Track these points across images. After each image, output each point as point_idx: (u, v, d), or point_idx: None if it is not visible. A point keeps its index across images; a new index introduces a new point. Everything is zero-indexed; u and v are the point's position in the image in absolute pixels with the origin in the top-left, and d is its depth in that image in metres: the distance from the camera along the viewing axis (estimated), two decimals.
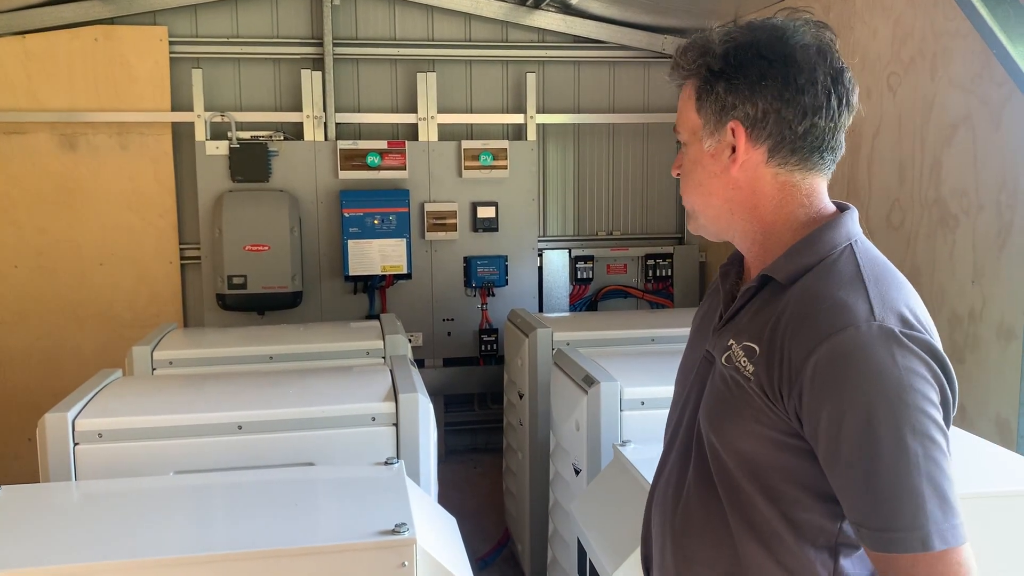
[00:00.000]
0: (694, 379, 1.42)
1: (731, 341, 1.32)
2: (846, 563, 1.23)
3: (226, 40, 5.13)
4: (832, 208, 1.32)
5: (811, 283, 1.23)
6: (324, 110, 5.17)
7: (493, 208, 5.32)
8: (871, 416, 1.10)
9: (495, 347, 5.37)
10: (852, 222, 1.30)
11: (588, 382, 2.92)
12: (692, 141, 1.35)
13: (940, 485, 1.09)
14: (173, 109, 5.04)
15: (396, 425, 2.49)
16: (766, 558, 1.25)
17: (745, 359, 1.26)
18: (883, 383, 1.10)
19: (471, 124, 5.44)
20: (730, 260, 1.48)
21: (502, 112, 5.47)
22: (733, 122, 1.28)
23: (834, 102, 1.26)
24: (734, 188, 1.31)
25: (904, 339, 1.12)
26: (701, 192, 1.36)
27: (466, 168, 5.25)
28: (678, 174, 1.40)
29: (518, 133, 5.48)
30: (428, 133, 5.29)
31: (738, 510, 1.29)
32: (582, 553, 2.47)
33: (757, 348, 1.24)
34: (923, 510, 1.08)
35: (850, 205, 1.33)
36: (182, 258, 5.18)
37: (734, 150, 1.29)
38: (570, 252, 5.58)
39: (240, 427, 2.45)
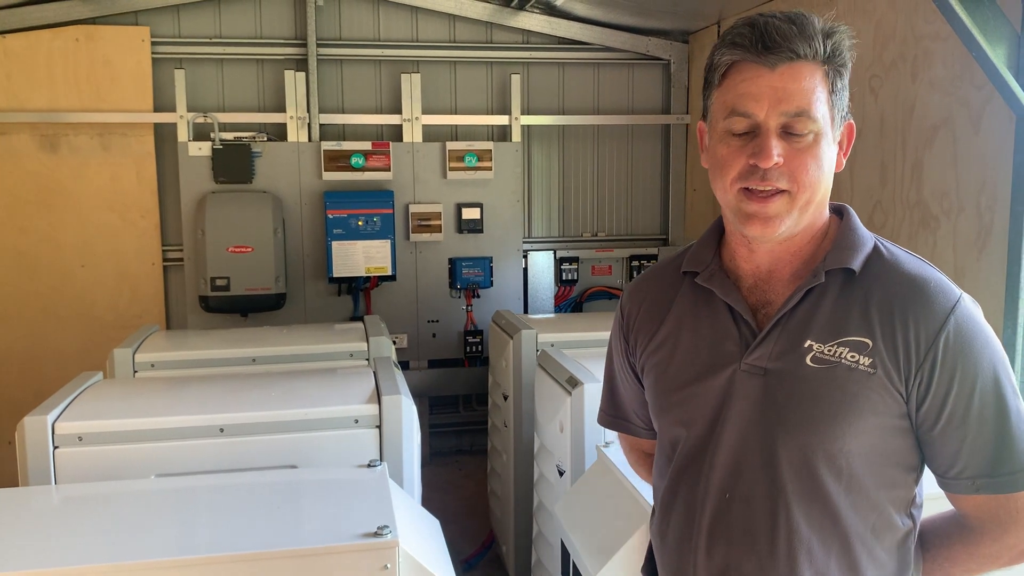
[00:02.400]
0: (725, 398, 1.34)
1: (810, 342, 1.29)
2: (916, 518, 1.37)
3: (209, 40, 5.10)
4: None
5: (890, 269, 1.30)
6: (308, 111, 5.15)
7: (478, 209, 5.32)
8: (996, 375, 1.26)
9: (480, 348, 5.37)
10: None
11: (572, 383, 2.92)
12: (825, 131, 1.27)
13: None
14: (155, 110, 5.01)
15: (379, 427, 2.48)
16: (875, 544, 1.30)
17: (855, 354, 1.26)
18: (996, 346, 1.28)
19: (456, 125, 5.44)
20: (709, 272, 1.40)
21: (487, 113, 5.47)
22: (849, 123, 1.34)
23: None
24: (830, 184, 1.34)
25: (979, 306, 1.30)
26: (825, 186, 1.30)
27: (451, 169, 5.25)
28: (778, 164, 1.25)
29: (503, 134, 5.48)
30: (412, 134, 5.29)
31: (842, 508, 1.28)
32: (566, 554, 2.47)
33: (870, 341, 1.26)
34: None
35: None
36: (164, 259, 5.15)
37: (840, 147, 1.33)
38: (555, 253, 5.59)
39: (222, 430, 2.43)
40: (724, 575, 1.34)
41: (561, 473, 3.01)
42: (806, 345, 1.29)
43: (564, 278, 5.58)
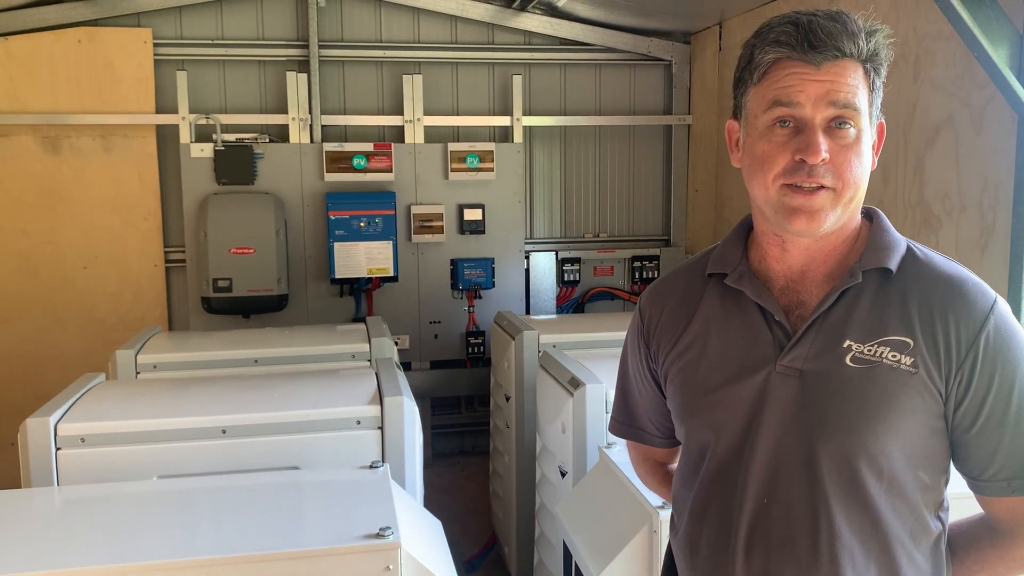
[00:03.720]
0: (759, 401, 1.32)
1: (849, 342, 1.28)
2: (945, 521, 1.35)
3: (211, 42, 5.11)
4: None
5: (927, 269, 1.30)
6: (310, 112, 5.16)
7: (480, 210, 5.32)
8: None
9: (482, 349, 5.37)
10: None
11: (574, 384, 2.92)
12: (864, 126, 1.26)
13: None
14: (157, 111, 5.02)
15: (381, 428, 2.48)
16: (913, 547, 1.30)
17: (896, 353, 1.25)
18: None
19: (457, 126, 5.44)
20: (738, 273, 1.38)
21: (488, 114, 5.47)
22: (881, 122, 1.32)
23: None
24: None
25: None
26: (865, 182, 1.28)
27: (452, 170, 5.25)
28: (824, 160, 1.23)
29: (504, 135, 5.48)
30: (414, 135, 5.29)
31: (883, 510, 1.28)
32: (568, 555, 2.48)
33: (911, 340, 1.25)
34: None
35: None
36: (167, 261, 5.15)
37: (872, 148, 1.31)
38: (557, 254, 5.58)
39: (224, 431, 2.43)
40: None
41: (563, 474, 3.01)
42: (845, 345, 1.28)
43: (566, 279, 5.57)
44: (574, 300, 5.64)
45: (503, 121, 5.42)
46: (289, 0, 5.19)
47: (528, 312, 5.51)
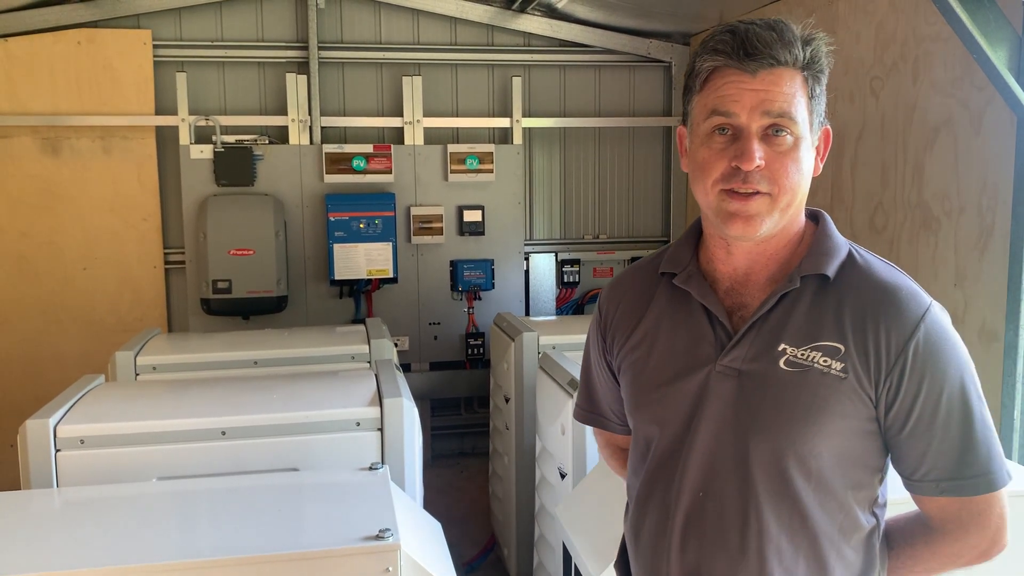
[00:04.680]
0: (700, 398, 1.36)
1: (784, 346, 1.31)
2: (880, 517, 1.40)
3: (211, 43, 5.11)
4: None
5: (863, 276, 1.34)
6: (309, 113, 5.16)
7: (479, 212, 5.32)
8: (963, 382, 1.29)
9: (481, 351, 5.37)
10: None
11: (573, 386, 2.92)
12: (802, 133, 1.29)
13: (996, 435, 1.33)
14: (157, 113, 5.02)
15: (381, 430, 2.49)
16: (842, 542, 1.34)
17: (828, 358, 1.29)
18: (963, 353, 1.31)
19: (457, 128, 5.44)
20: (687, 274, 1.42)
21: (488, 116, 5.47)
22: (826, 128, 1.36)
23: None
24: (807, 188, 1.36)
25: (947, 315, 1.34)
26: (804, 189, 1.32)
27: (452, 172, 5.25)
28: (759, 167, 1.27)
29: (504, 137, 5.49)
30: (414, 137, 5.29)
31: (811, 508, 1.32)
32: (567, 557, 2.47)
33: (842, 346, 1.29)
34: (999, 453, 1.31)
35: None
36: (166, 262, 5.15)
37: (817, 152, 1.35)
38: (556, 255, 5.58)
39: (224, 433, 2.43)
40: (696, 573, 1.36)
41: (563, 476, 3.01)
42: (780, 348, 1.32)
43: (565, 280, 5.57)
44: (574, 301, 5.64)
45: (503, 123, 5.43)
46: (289, 1, 5.19)
47: (528, 313, 5.51)
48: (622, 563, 1.59)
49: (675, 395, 1.39)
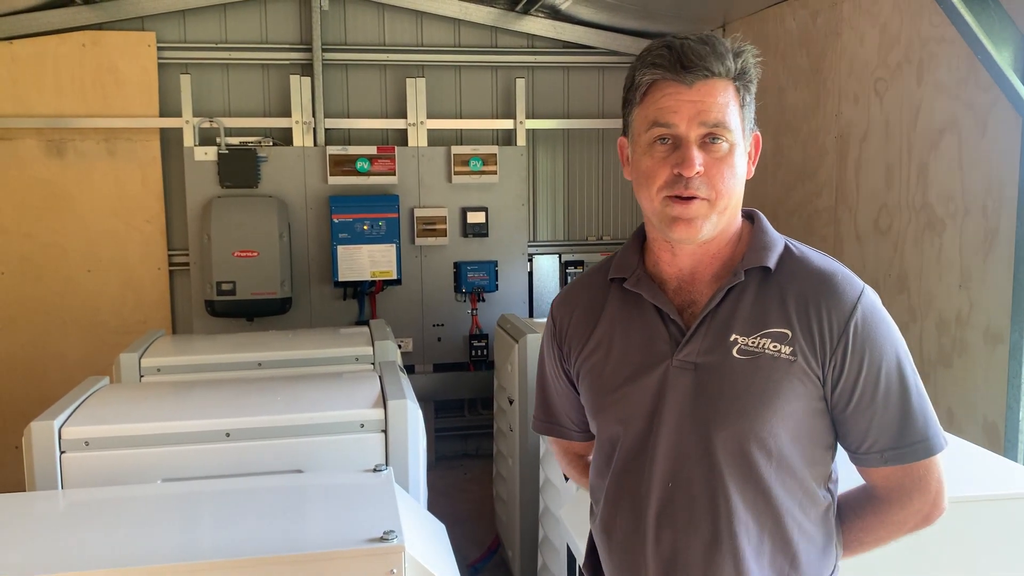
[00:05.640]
0: (660, 394, 1.42)
1: (735, 336, 1.39)
2: (834, 492, 1.49)
3: (215, 45, 5.12)
4: None
5: (801, 265, 1.42)
6: (313, 115, 5.16)
7: (483, 213, 5.32)
8: (899, 356, 1.38)
9: (485, 352, 5.37)
10: None
11: None
12: (736, 140, 1.37)
13: (929, 402, 1.42)
14: (161, 115, 5.03)
15: (385, 432, 2.48)
16: (803, 517, 1.42)
17: (776, 344, 1.37)
18: (896, 331, 1.40)
19: (461, 129, 5.44)
20: (635, 277, 1.48)
21: (492, 117, 5.47)
22: (756, 134, 1.44)
23: None
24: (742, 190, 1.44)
25: (878, 296, 1.42)
26: (739, 192, 1.40)
27: (456, 173, 5.25)
28: (699, 173, 1.34)
29: (508, 138, 5.49)
30: (418, 138, 5.29)
31: (773, 487, 1.39)
32: (572, 559, 2.47)
33: (788, 331, 1.37)
34: (934, 420, 1.40)
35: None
36: (170, 264, 5.16)
37: (749, 157, 1.43)
38: (560, 257, 5.59)
39: (228, 434, 2.43)
40: (673, 559, 1.42)
41: (567, 478, 3.01)
42: (732, 339, 1.39)
43: (569, 282, 5.56)
44: None
45: (506, 124, 5.43)
46: (292, 3, 5.20)
47: (531, 315, 5.51)
48: (591, 564, 1.63)
49: (635, 393, 1.45)
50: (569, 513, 2.55)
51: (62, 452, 2.33)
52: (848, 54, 3.79)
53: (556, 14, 5.34)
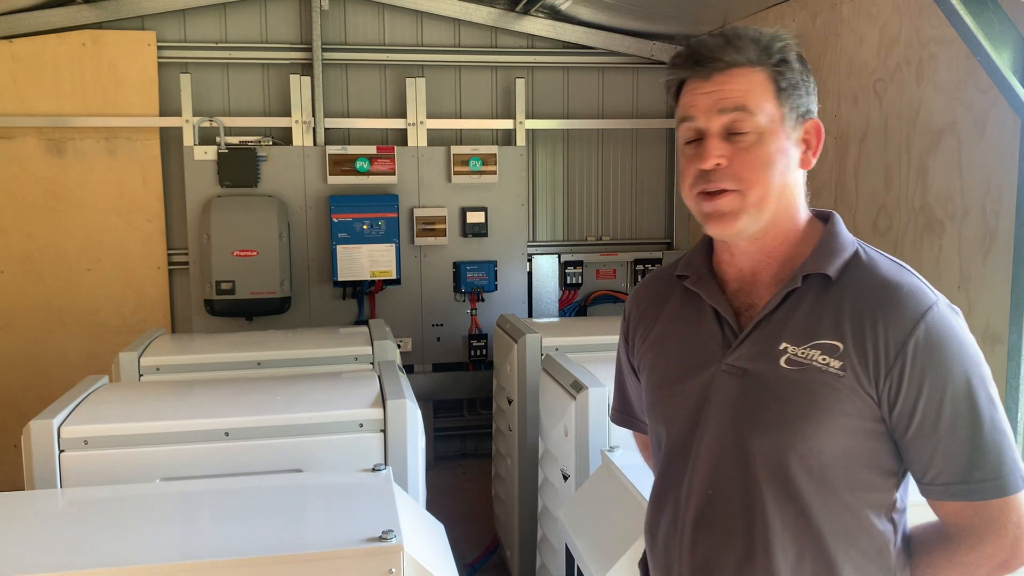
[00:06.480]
0: (705, 397, 1.39)
1: (784, 344, 1.33)
2: (899, 523, 1.38)
3: (215, 45, 5.12)
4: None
5: (866, 274, 1.33)
6: (313, 115, 5.16)
7: (482, 213, 5.32)
8: (969, 383, 1.26)
9: (484, 352, 5.37)
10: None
11: (576, 388, 2.92)
12: (772, 129, 1.32)
13: (1011, 437, 1.29)
14: (161, 114, 5.03)
15: (384, 431, 2.49)
16: (850, 547, 1.32)
17: (826, 357, 1.29)
18: (971, 354, 1.28)
19: (460, 129, 5.45)
20: (697, 276, 1.46)
21: (491, 118, 5.47)
22: (813, 121, 1.37)
23: None
24: (795, 183, 1.38)
25: (959, 314, 1.31)
26: (779, 183, 1.33)
27: (455, 173, 5.26)
28: (719, 164, 1.31)
29: (507, 138, 5.49)
30: (417, 138, 5.30)
31: (814, 507, 1.31)
32: (570, 559, 2.47)
33: (840, 344, 1.29)
34: (1012, 457, 1.27)
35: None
36: (170, 263, 5.16)
37: (806, 146, 1.37)
38: (559, 257, 5.59)
39: (227, 434, 2.44)
40: (706, 569, 1.38)
41: (565, 477, 3.01)
42: (781, 347, 1.33)
43: (568, 282, 5.57)
44: (576, 303, 5.64)
45: (506, 124, 5.43)
46: (292, 3, 5.20)
47: (531, 315, 5.51)
48: (644, 562, 1.61)
49: (681, 393, 1.43)
50: (567, 513, 2.55)
51: (61, 451, 2.34)
52: (847, 55, 3.79)
53: (556, 14, 5.35)
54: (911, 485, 1.37)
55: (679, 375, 1.44)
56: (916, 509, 1.40)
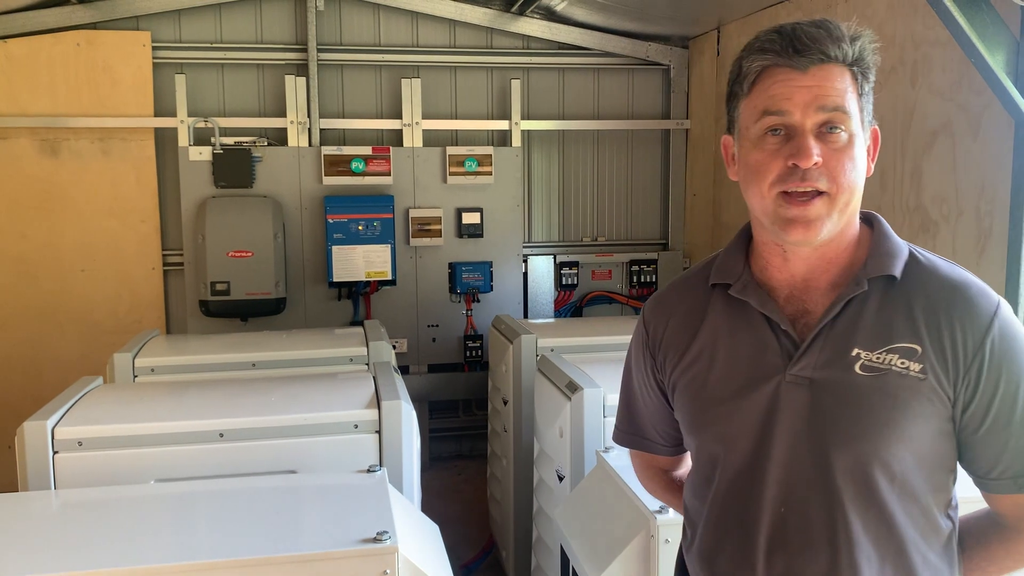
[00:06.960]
0: (770, 411, 1.33)
1: (857, 350, 1.28)
2: (955, 519, 1.37)
3: (210, 45, 5.11)
4: None
5: (931, 274, 1.32)
6: (308, 115, 5.16)
7: (478, 214, 5.32)
8: None
9: (480, 353, 5.37)
10: None
11: (571, 388, 2.92)
12: (855, 130, 1.26)
13: None
14: (156, 114, 5.02)
15: (379, 432, 2.48)
16: (926, 548, 1.31)
17: (905, 360, 1.27)
18: None
19: (456, 130, 5.45)
20: (742, 284, 1.38)
21: (487, 118, 5.48)
22: (875, 128, 1.33)
23: None
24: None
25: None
26: (860, 188, 1.28)
27: (451, 174, 5.25)
28: (817, 164, 1.23)
29: (503, 139, 5.49)
30: (413, 139, 5.29)
31: (896, 513, 1.29)
32: (565, 559, 2.47)
33: (918, 347, 1.27)
34: None
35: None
36: (165, 264, 5.15)
37: (868, 153, 1.31)
38: (555, 258, 5.59)
39: (222, 435, 2.43)
40: None
41: (561, 478, 3.01)
42: (854, 353, 1.29)
43: (564, 283, 5.58)
44: (572, 304, 5.64)
45: (501, 125, 5.43)
46: (288, 3, 5.20)
47: (526, 316, 5.51)
48: None
49: (742, 410, 1.35)
50: (563, 514, 2.55)
51: (55, 452, 2.33)
52: None
53: (551, 15, 5.35)
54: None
55: (737, 390, 1.35)
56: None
